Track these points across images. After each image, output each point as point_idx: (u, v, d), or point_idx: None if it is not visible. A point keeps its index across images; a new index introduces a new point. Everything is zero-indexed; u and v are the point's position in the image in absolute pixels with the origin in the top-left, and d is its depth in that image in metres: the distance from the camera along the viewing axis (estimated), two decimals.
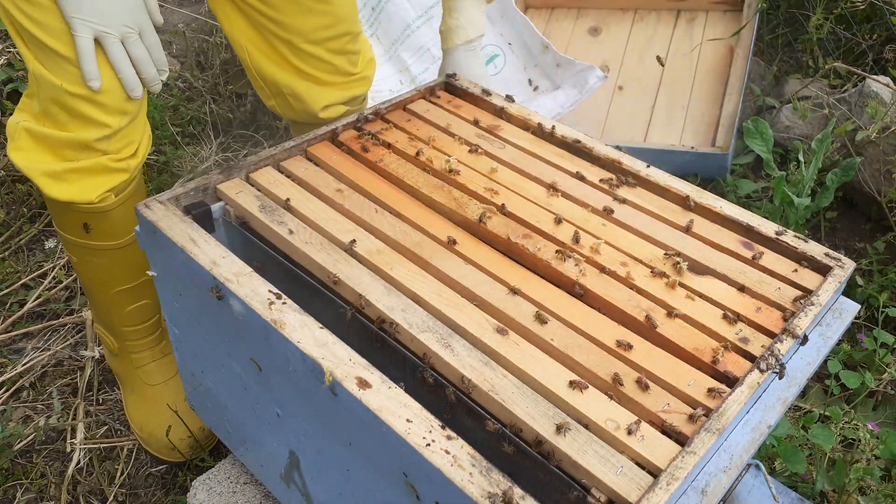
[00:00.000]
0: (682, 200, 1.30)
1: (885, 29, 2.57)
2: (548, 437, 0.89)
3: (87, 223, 1.39)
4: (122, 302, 1.54)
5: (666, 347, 1.03)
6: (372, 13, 2.65)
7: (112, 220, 1.39)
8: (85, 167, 1.31)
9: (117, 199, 1.37)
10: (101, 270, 1.49)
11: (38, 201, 2.32)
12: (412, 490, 0.89)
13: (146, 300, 1.56)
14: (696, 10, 2.77)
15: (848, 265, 1.17)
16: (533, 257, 1.17)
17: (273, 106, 1.64)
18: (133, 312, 1.57)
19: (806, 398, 1.76)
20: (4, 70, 2.64)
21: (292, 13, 1.46)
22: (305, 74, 1.56)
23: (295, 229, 1.19)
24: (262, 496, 1.45)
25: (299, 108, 1.59)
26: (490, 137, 1.45)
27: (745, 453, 0.94)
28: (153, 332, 1.64)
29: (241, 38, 1.55)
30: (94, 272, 1.50)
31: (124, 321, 1.58)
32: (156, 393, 1.65)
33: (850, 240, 2.22)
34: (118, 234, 1.42)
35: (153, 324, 1.63)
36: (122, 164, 1.35)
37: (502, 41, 2.52)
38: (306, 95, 1.57)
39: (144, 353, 1.64)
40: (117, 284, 1.51)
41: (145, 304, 1.57)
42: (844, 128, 2.19)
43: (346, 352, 0.96)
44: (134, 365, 1.65)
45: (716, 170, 2.31)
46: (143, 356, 1.64)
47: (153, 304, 1.59)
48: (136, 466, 1.66)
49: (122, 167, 1.35)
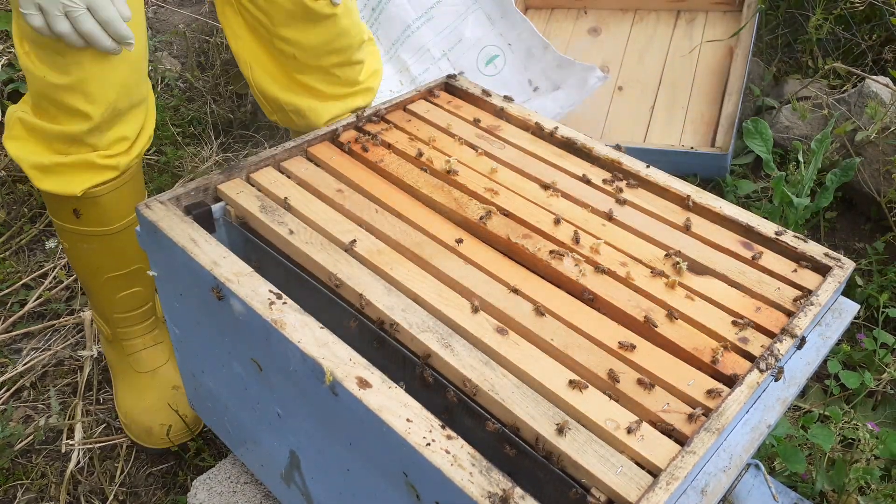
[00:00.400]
0: (682, 200, 1.30)
1: (885, 29, 2.57)
2: (548, 436, 0.89)
3: (77, 209, 1.40)
4: (113, 288, 1.54)
5: (666, 347, 1.04)
6: (372, 13, 2.66)
7: (103, 207, 1.40)
8: (71, 162, 1.33)
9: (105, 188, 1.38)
10: (92, 256, 1.49)
11: (38, 201, 2.32)
12: (412, 490, 0.90)
13: (138, 287, 1.57)
14: (695, 10, 2.77)
15: (847, 265, 1.17)
16: (533, 257, 1.17)
17: (276, 120, 1.65)
18: (125, 299, 1.57)
19: (806, 398, 1.76)
20: (4, 70, 2.64)
21: (297, 28, 1.46)
22: (308, 90, 1.56)
23: (295, 229, 1.19)
24: (262, 496, 1.45)
25: (302, 123, 1.59)
26: (490, 138, 1.45)
27: (745, 453, 0.94)
28: (146, 319, 1.64)
29: (247, 55, 1.55)
30: (85, 258, 1.50)
31: (116, 308, 1.59)
32: (144, 380, 1.66)
33: (849, 240, 2.22)
34: (109, 220, 1.43)
35: (146, 311, 1.63)
36: (112, 161, 1.36)
37: (502, 41, 2.52)
38: (309, 112, 1.57)
39: (136, 339, 1.65)
40: (109, 271, 1.51)
41: (137, 292, 1.57)
42: (844, 128, 2.19)
43: (347, 351, 0.96)
44: (126, 352, 1.65)
45: (715, 170, 2.31)
46: (136, 343, 1.65)
47: (146, 292, 1.59)
48: (137, 466, 1.66)
49: (110, 164, 1.36)
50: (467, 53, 2.52)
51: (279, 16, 1.44)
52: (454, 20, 2.54)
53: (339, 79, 1.56)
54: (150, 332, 1.66)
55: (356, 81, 1.59)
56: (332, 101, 1.58)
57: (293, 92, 1.56)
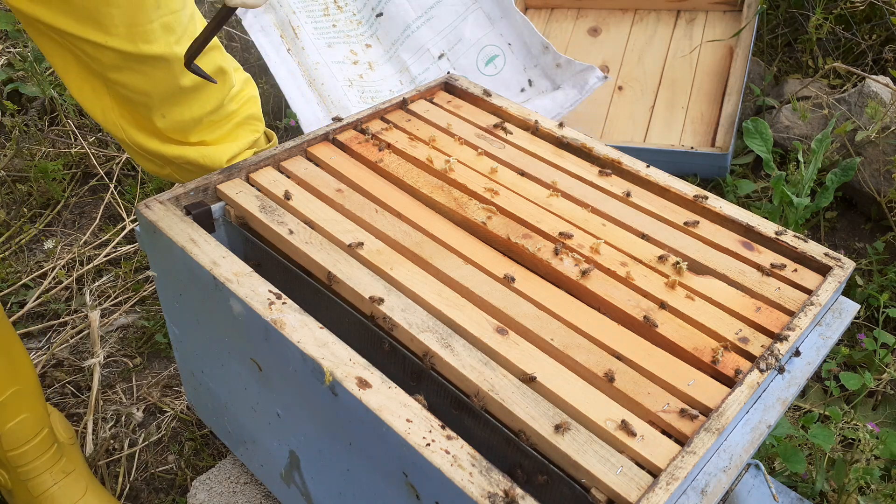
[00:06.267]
0: (682, 200, 1.30)
1: (885, 29, 2.57)
2: (548, 436, 0.89)
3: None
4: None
5: (666, 347, 1.04)
6: (372, 13, 2.66)
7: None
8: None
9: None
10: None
11: (38, 201, 2.32)
12: (412, 490, 0.89)
13: (24, 413, 1.35)
14: (695, 10, 2.77)
15: (847, 265, 1.17)
16: (533, 257, 1.17)
17: (168, 175, 1.51)
18: (14, 431, 1.35)
19: (806, 398, 1.76)
20: (4, 70, 2.64)
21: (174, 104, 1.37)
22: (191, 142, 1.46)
23: (295, 229, 1.19)
24: (262, 496, 1.45)
25: (200, 173, 1.46)
26: (490, 137, 1.45)
27: (745, 453, 0.94)
28: (48, 449, 1.41)
29: (115, 117, 1.41)
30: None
31: (7, 444, 1.36)
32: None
33: (849, 240, 2.22)
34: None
35: (44, 439, 1.40)
36: None
37: (502, 41, 2.52)
38: (203, 160, 1.46)
39: (43, 475, 1.40)
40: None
41: (25, 419, 1.36)
42: (844, 128, 2.19)
43: (346, 352, 0.96)
44: (34, 493, 1.41)
45: (715, 170, 2.31)
46: (43, 480, 1.41)
47: (34, 417, 1.38)
48: (137, 466, 1.66)
49: None
50: (467, 53, 2.52)
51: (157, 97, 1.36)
52: (454, 20, 2.55)
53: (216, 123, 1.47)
54: (56, 462, 1.42)
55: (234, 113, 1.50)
56: (223, 141, 1.49)
57: (176, 144, 1.45)
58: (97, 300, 2.00)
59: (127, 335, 1.92)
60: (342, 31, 2.64)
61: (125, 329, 1.93)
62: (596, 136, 2.47)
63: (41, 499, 1.41)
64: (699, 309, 1.09)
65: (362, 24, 2.67)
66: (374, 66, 2.59)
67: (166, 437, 1.70)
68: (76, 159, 2.45)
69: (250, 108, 1.54)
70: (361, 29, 2.66)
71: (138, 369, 1.85)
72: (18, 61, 2.61)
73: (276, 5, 2.60)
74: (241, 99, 1.51)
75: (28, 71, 2.49)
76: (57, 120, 2.60)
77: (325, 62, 2.53)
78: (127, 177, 2.42)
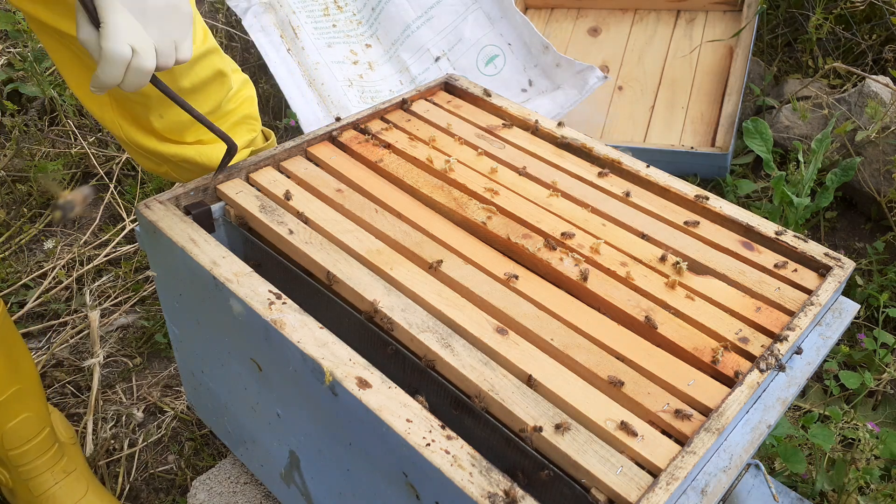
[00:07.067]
0: (682, 200, 1.30)
1: (885, 29, 2.57)
2: (548, 436, 0.89)
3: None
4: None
5: (666, 347, 1.04)
6: (372, 13, 2.66)
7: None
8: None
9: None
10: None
11: (38, 201, 2.32)
12: (412, 490, 0.89)
13: (26, 413, 1.36)
14: (695, 10, 2.77)
15: (847, 265, 1.17)
16: (532, 257, 1.17)
17: (166, 173, 1.51)
18: (15, 430, 1.36)
19: (806, 398, 1.76)
20: (4, 70, 2.64)
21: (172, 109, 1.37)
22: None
23: (295, 229, 1.19)
24: (262, 496, 1.45)
25: (198, 171, 1.47)
26: (490, 137, 1.45)
27: (745, 453, 0.94)
28: (49, 449, 1.41)
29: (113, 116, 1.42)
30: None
31: (8, 443, 1.37)
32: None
33: (849, 240, 2.22)
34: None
35: (45, 438, 1.40)
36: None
37: (502, 41, 2.52)
38: (200, 158, 1.47)
39: (44, 475, 1.41)
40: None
41: (27, 418, 1.37)
42: (844, 128, 2.19)
43: (346, 352, 0.96)
44: (34, 493, 1.42)
45: (715, 170, 2.31)
46: (44, 479, 1.41)
47: (37, 416, 1.38)
48: (137, 466, 1.66)
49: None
50: (467, 53, 2.52)
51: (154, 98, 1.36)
52: (454, 20, 2.55)
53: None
54: (57, 462, 1.43)
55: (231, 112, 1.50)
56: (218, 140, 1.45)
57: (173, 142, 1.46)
58: (97, 300, 2.00)
59: (127, 335, 1.92)
60: (342, 31, 2.65)
61: (125, 329, 1.93)
62: (596, 136, 2.47)
63: (42, 498, 1.42)
64: (699, 309, 1.09)
65: (362, 24, 2.67)
66: (374, 66, 2.59)
67: (166, 437, 1.70)
68: (76, 159, 2.45)
69: (247, 107, 1.55)
70: (361, 29, 2.66)
71: (138, 369, 1.85)
72: (18, 61, 2.61)
73: (276, 5, 2.60)
74: (238, 99, 1.52)
75: (28, 71, 2.49)
76: (57, 120, 2.60)
77: (325, 62, 2.53)
78: (127, 177, 2.42)
